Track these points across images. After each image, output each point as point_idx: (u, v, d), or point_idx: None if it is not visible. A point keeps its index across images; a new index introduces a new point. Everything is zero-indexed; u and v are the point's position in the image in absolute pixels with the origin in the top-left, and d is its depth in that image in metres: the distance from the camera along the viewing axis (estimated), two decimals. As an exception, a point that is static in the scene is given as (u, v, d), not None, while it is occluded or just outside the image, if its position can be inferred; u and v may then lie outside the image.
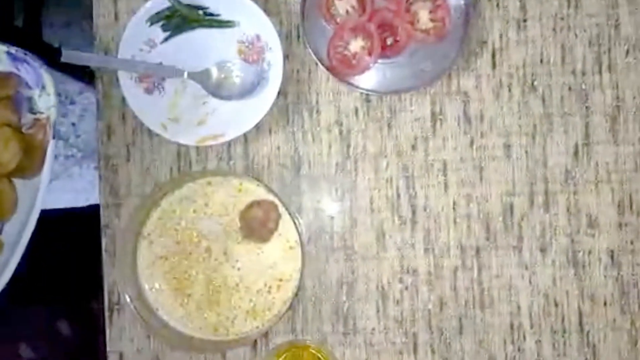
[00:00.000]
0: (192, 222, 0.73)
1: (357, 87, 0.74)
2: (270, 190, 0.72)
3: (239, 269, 0.73)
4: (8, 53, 0.67)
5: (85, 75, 0.81)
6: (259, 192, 0.73)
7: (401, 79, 0.74)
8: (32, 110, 0.71)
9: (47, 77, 0.68)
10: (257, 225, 0.73)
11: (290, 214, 0.72)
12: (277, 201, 0.72)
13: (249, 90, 0.73)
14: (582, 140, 0.75)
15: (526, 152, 0.75)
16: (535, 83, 0.75)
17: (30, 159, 0.70)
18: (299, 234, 0.72)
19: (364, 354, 0.74)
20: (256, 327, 0.73)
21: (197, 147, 0.75)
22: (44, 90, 0.68)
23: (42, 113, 0.70)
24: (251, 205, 0.73)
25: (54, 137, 0.68)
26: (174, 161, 0.75)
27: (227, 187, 0.73)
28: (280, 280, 0.73)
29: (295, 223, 0.72)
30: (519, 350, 0.74)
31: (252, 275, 0.73)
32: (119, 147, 0.75)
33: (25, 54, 0.67)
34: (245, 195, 0.73)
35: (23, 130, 0.71)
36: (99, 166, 0.75)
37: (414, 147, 0.75)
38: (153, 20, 0.73)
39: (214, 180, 0.73)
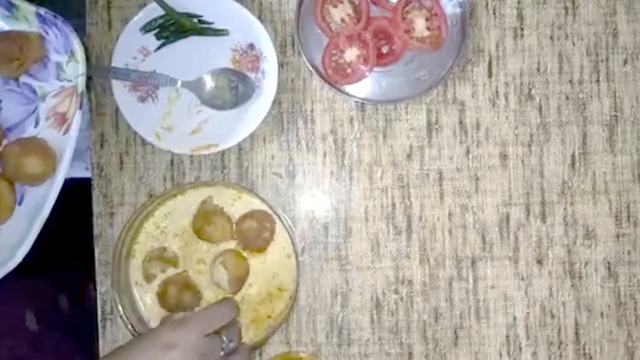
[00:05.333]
0: (187, 233, 0.73)
1: (352, 96, 0.73)
2: (263, 201, 0.71)
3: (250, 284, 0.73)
4: (37, 14, 0.66)
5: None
6: (253, 203, 0.72)
7: (397, 87, 0.74)
8: (59, 77, 0.70)
9: (76, 43, 0.66)
10: (252, 235, 0.72)
11: (284, 225, 0.71)
12: (270, 212, 0.71)
13: (243, 99, 0.73)
14: (579, 150, 0.74)
15: (522, 161, 0.74)
16: (532, 92, 0.74)
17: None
18: (294, 244, 0.72)
19: (358, 365, 0.74)
20: (255, 337, 0.72)
21: (191, 156, 0.74)
22: (73, 57, 0.67)
23: (69, 81, 0.69)
24: (244, 217, 0.72)
25: (80, 108, 0.67)
26: (168, 170, 0.75)
27: (221, 198, 0.72)
28: (279, 289, 0.73)
29: (289, 234, 0.71)
30: (514, 362, 0.74)
31: (257, 286, 0.73)
32: (112, 156, 0.74)
33: (55, 17, 0.65)
34: (240, 206, 0.72)
35: (50, 96, 0.71)
36: (92, 175, 0.74)
37: (409, 157, 0.74)
38: (147, 28, 0.73)
39: (208, 190, 0.72)
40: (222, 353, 0.66)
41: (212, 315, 0.67)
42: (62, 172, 0.67)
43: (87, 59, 0.67)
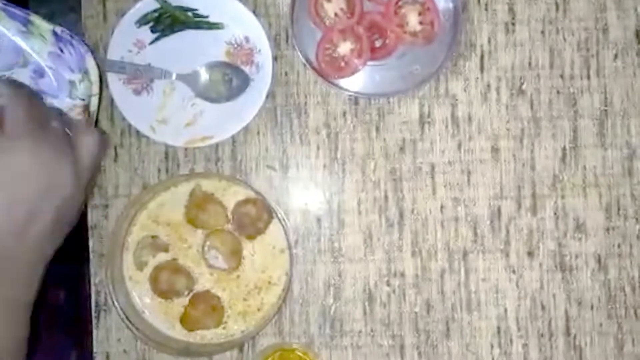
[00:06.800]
0: (181, 224, 0.73)
1: (345, 89, 0.74)
2: (258, 193, 0.72)
3: (237, 276, 0.73)
4: (54, 32, 0.66)
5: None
6: (245, 194, 0.73)
7: (390, 81, 0.75)
8: (71, 95, 0.70)
9: (91, 63, 0.67)
10: (247, 221, 0.72)
11: (279, 217, 0.72)
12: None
13: (237, 92, 0.74)
14: (570, 144, 0.75)
15: (514, 155, 0.75)
16: (524, 86, 0.75)
17: None
18: (287, 238, 0.72)
19: (350, 357, 0.74)
20: (246, 329, 0.73)
21: (185, 149, 0.75)
22: (86, 76, 0.68)
23: (82, 100, 0.69)
24: (246, 201, 0.72)
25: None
26: (162, 162, 0.75)
27: (211, 186, 0.73)
28: (269, 282, 0.73)
29: (283, 227, 0.72)
30: (505, 353, 0.74)
31: (245, 277, 0.73)
32: (107, 148, 0.75)
33: (72, 36, 0.66)
34: (230, 196, 0.73)
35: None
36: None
37: (402, 150, 0.75)
38: (142, 21, 0.73)
39: (202, 182, 0.73)
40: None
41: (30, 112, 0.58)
42: None
43: (101, 79, 0.68)
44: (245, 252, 0.73)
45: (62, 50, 0.68)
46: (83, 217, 0.75)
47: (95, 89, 0.68)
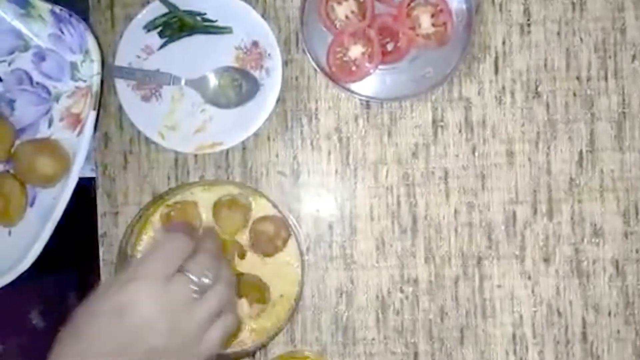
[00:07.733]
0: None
1: (357, 93, 0.73)
2: (269, 200, 0.71)
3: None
4: (52, 12, 0.66)
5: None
6: (263, 204, 0.72)
7: (402, 85, 0.73)
8: (73, 77, 0.70)
9: (91, 42, 0.66)
10: (264, 239, 0.71)
11: (291, 225, 0.71)
12: (288, 222, 0.71)
13: (247, 98, 0.72)
14: (586, 148, 0.74)
15: (529, 159, 0.74)
16: (539, 89, 0.74)
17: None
18: (299, 246, 0.71)
19: (363, 364, 0.74)
20: (258, 339, 0.72)
21: (195, 155, 0.74)
22: (88, 56, 0.67)
23: (84, 81, 0.69)
24: (264, 219, 0.71)
25: (94, 109, 0.66)
26: (172, 169, 0.74)
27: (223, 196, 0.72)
28: (281, 295, 0.72)
29: (295, 235, 0.71)
30: (521, 361, 0.73)
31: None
32: (116, 155, 0.74)
33: (70, 15, 0.65)
34: (254, 213, 0.72)
35: (64, 97, 0.71)
36: (97, 174, 0.74)
37: (414, 155, 0.74)
38: (150, 26, 0.72)
39: (212, 189, 0.72)
40: (194, 294, 0.53)
41: (161, 256, 0.53)
42: (75, 174, 0.67)
43: (102, 58, 0.67)
44: (259, 268, 0.72)
45: (62, 31, 0.67)
46: (93, 224, 0.74)
47: (97, 67, 0.67)
